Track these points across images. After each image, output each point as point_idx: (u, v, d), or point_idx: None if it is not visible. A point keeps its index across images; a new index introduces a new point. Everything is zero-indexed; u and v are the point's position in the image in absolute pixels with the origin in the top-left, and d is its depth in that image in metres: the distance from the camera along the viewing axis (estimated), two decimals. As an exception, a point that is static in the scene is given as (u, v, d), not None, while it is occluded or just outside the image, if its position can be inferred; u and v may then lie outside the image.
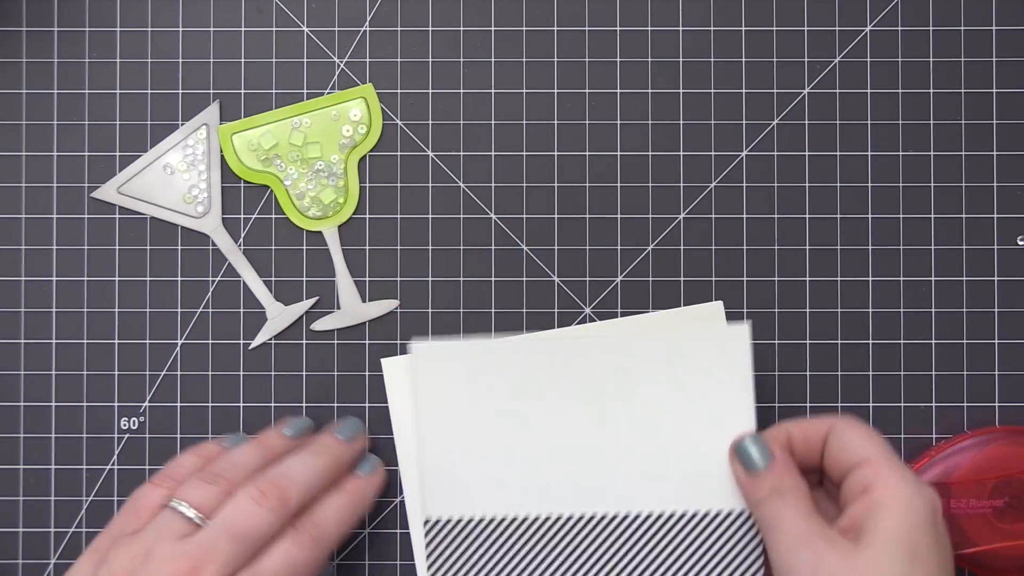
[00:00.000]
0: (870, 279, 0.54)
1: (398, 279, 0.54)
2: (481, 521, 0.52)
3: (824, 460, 0.48)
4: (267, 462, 0.50)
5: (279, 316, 0.54)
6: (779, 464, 0.48)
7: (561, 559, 0.52)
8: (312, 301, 0.54)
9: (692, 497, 0.52)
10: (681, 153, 0.54)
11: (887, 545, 0.44)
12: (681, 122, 0.54)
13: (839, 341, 0.54)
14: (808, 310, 0.54)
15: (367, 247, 0.54)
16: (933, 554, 0.44)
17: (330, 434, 0.51)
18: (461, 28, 0.54)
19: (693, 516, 0.52)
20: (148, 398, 0.54)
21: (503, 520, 0.52)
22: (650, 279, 0.54)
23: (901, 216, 0.54)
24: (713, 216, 0.54)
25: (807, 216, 0.54)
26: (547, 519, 0.52)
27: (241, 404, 0.54)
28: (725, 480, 0.51)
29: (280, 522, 0.47)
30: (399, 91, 0.54)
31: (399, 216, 0.54)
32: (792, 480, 0.47)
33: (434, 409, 0.52)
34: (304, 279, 0.54)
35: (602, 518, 0.52)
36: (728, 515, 0.51)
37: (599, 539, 0.52)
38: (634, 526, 0.52)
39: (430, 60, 0.54)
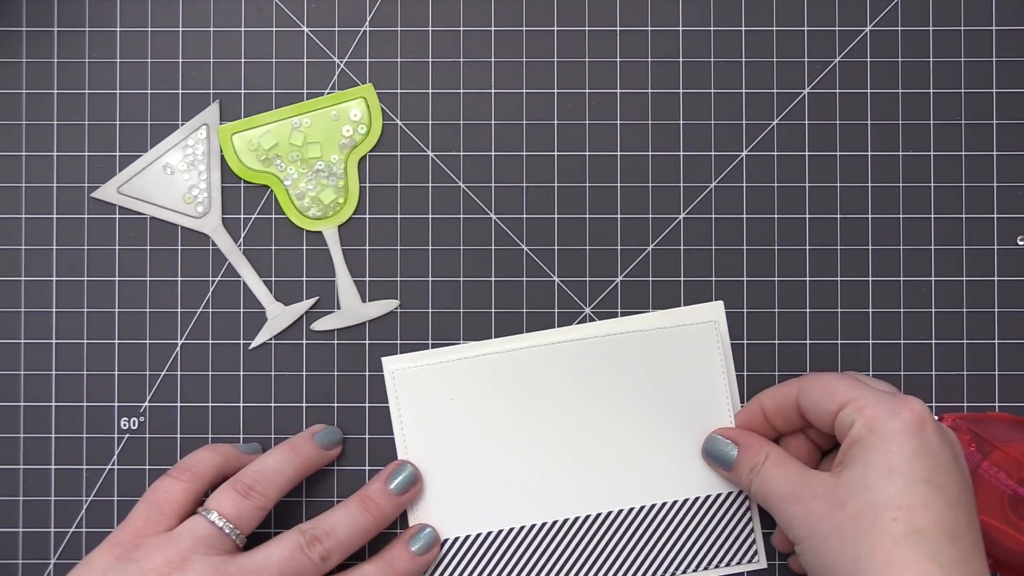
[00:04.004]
0: (870, 279, 0.54)
1: (398, 279, 0.54)
2: (479, 536, 0.52)
3: (809, 420, 0.49)
4: (299, 472, 0.51)
5: (279, 316, 0.54)
6: (744, 447, 0.50)
7: (561, 563, 0.52)
8: (312, 301, 0.54)
9: (683, 485, 0.52)
10: (681, 153, 0.54)
11: (861, 468, 0.45)
12: (681, 122, 0.54)
13: (839, 341, 0.54)
14: (808, 310, 0.54)
15: (367, 247, 0.54)
16: (918, 462, 0.45)
17: (382, 485, 0.51)
18: (461, 28, 0.54)
19: (684, 503, 0.52)
20: (148, 398, 0.54)
21: (500, 532, 0.52)
22: (650, 279, 0.54)
23: (901, 216, 0.54)
24: (713, 216, 0.54)
25: (807, 216, 0.54)
26: (543, 526, 0.52)
27: (241, 404, 0.54)
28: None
29: (318, 574, 0.49)
30: (399, 91, 0.54)
31: (399, 216, 0.54)
32: (763, 453, 0.49)
33: (418, 428, 0.52)
34: (304, 279, 0.54)
35: (597, 517, 0.52)
36: (719, 497, 0.52)
37: (596, 538, 0.52)
38: (629, 520, 0.52)
39: (430, 60, 0.54)
